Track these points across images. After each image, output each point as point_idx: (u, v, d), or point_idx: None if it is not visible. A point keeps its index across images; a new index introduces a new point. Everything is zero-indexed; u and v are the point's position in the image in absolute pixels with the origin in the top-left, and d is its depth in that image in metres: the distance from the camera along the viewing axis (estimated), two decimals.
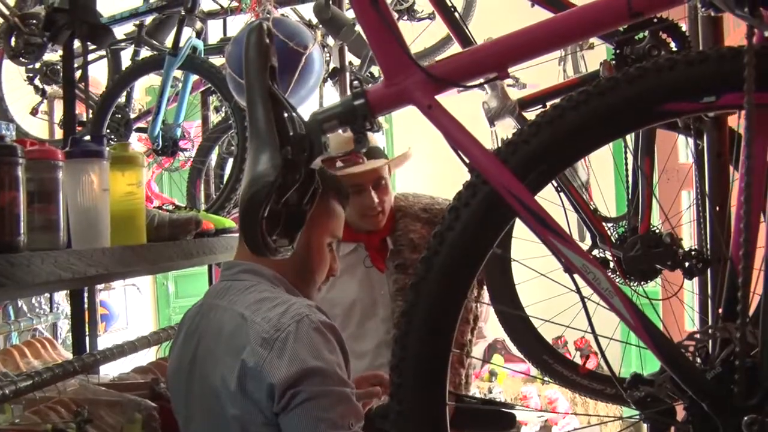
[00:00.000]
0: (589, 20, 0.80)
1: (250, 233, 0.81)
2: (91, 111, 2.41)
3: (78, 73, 2.06)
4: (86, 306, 1.91)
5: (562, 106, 0.75)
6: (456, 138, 0.78)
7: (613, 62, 1.23)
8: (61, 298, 2.61)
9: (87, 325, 1.87)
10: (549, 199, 0.90)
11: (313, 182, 0.88)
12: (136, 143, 3.82)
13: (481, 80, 0.81)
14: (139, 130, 2.75)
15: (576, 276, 0.76)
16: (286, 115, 0.87)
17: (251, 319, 1.24)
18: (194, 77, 2.47)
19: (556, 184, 1.38)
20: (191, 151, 2.79)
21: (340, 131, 0.87)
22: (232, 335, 1.26)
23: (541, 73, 1.33)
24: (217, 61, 2.37)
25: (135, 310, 4.44)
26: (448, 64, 0.82)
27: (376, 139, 2.06)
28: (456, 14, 1.47)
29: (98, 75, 3.08)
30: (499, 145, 0.80)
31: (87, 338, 1.88)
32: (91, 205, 1.26)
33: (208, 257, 1.82)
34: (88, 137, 1.31)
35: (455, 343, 0.79)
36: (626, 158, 1.44)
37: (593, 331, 0.79)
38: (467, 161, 0.78)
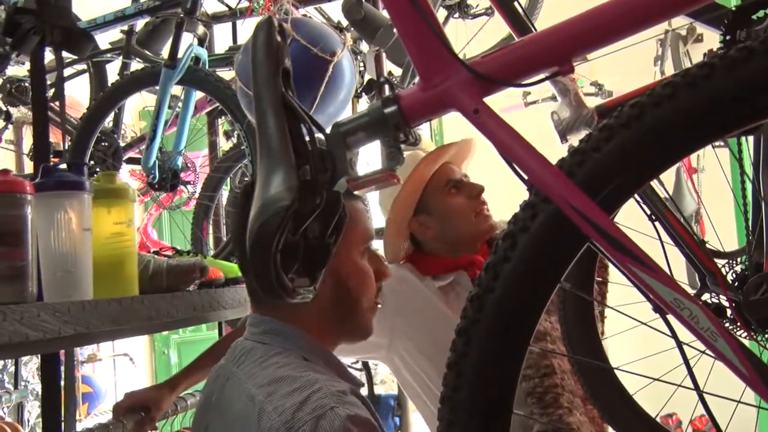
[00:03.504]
0: None
1: (260, 271, 0.84)
2: (69, 138, 2.48)
3: (51, 92, 2.11)
4: (62, 380, 1.92)
5: (642, 103, 0.76)
6: (509, 148, 0.81)
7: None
8: (30, 372, 2.65)
9: (63, 406, 1.82)
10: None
11: (338, 209, 0.91)
12: (129, 179, 3.95)
13: (540, 77, 0.84)
14: (132, 161, 2.84)
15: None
16: (303, 128, 0.91)
17: (262, 407, 1.22)
18: (198, 95, 2.55)
19: (649, 212, 1.39)
20: (196, 185, 2.86)
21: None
22: (238, 421, 1.27)
23: (633, 78, 1.34)
24: (227, 74, 2.45)
25: (128, 386, 4.52)
26: (498, 59, 0.84)
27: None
28: (519, 8, 1.49)
29: (79, 94, 3.17)
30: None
31: (62, 424, 1.89)
32: (68, 248, 1.29)
33: (216, 312, 1.86)
34: (64, 165, 1.35)
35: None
36: (743, 174, 1.43)
37: (696, 386, 0.79)
38: (524, 176, 0.81)
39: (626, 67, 3.83)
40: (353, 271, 1.42)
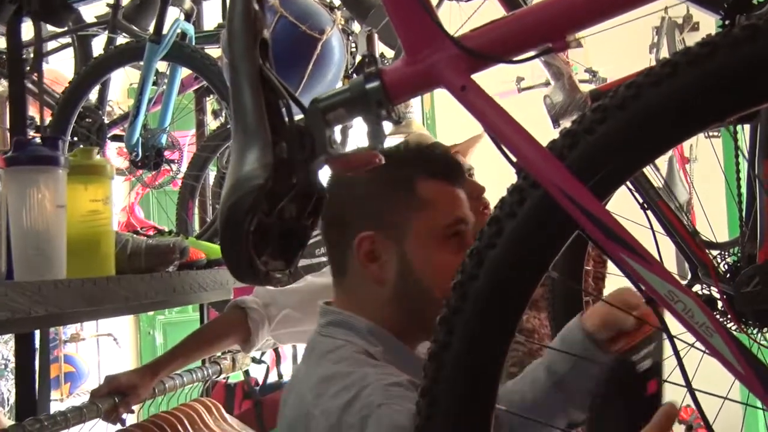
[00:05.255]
0: None
1: (231, 253, 0.80)
2: (51, 113, 2.43)
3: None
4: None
5: (638, 83, 0.72)
6: (497, 128, 0.76)
7: None
8: (11, 350, 2.62)
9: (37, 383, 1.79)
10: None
11: (315, 189, 0.87)
12: (116, 157, 3.90)
13: (532, 53, 0.79)
14: (117, 138, 2.78)
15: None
16: (281, 103, 0.87)
17: (310, 411, 1.13)
18: (184, 72, 2.50)
19: (641, 200, 1.35)
20: (181, 164, 2.81)
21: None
22: (291, 427, 1.21)
23: (628, 65, 1.30)
24: (216, 53, 2.40)
25: (111, 367, 4.47)
26: (487, 34, 0.79)
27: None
28: None
29: (66, 70, 3.11)
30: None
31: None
32: (40, 226, 1.26)
33: (196, 294, 1.82)
34: (38, 139, 1.31)
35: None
36: (737, 162, 1.40)
37: (687, 382, 0.75)
38: (512, 158, 0.76)
39: (621, 54, 3.80)
40: (426, 261, 1.24)
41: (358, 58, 2.66)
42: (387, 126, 0.88)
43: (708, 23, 4.95)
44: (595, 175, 0.73)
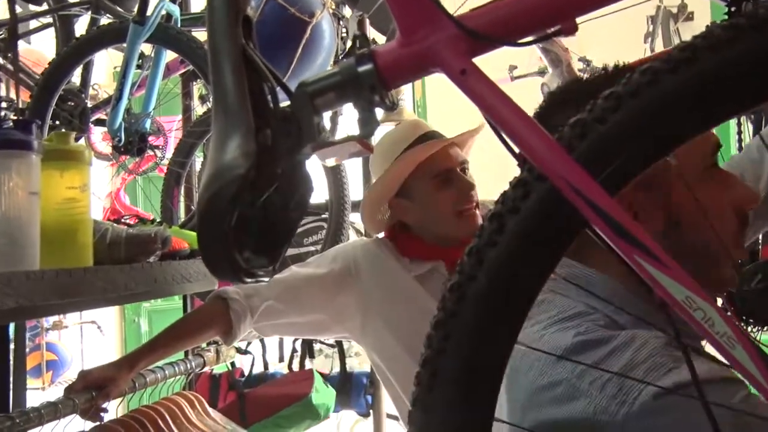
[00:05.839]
0: None
1: (209, 249, 0.73)
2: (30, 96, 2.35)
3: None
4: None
5: (655, 68, 0.66)
6: (500, 116, 0.70)
7: None
8: None
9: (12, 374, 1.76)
10: None
11: (301, 180, 0.81)
12: (101, 142, 3.83)
13: (538, 35, 0.73)
14: (100, 122, 2.72)
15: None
16: (265, 86, 0.81)
17: (574, 385, 0.88)
18: (170, 55, 2.44)
19: None
20: (166, 150, 2.75)
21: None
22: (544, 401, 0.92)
23: (623, 54, 1.25)
24: (202, 35, 2.34)
25: (95, 355, 4.41)
26: (490, 13, 0.73)
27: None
28: None
29: (49, 52, 3.04)
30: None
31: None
32: (12, 213, 1.20)
33: (179, 285, 1.76)
34: (11, 123, 1.25)
35: None
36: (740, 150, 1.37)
37: (701, 396, 0.69)
38: (516, 149, 0.70)
39: (615, 43, 3.75)
40: (695, 205, 0.97)
41: (349, 43, 2.61)
42: (379, 113, 0.82)
43: (703, 13, 4.93)
44: (606, 167, 0.67)
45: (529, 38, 0.74)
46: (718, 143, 1.01)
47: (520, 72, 4.08)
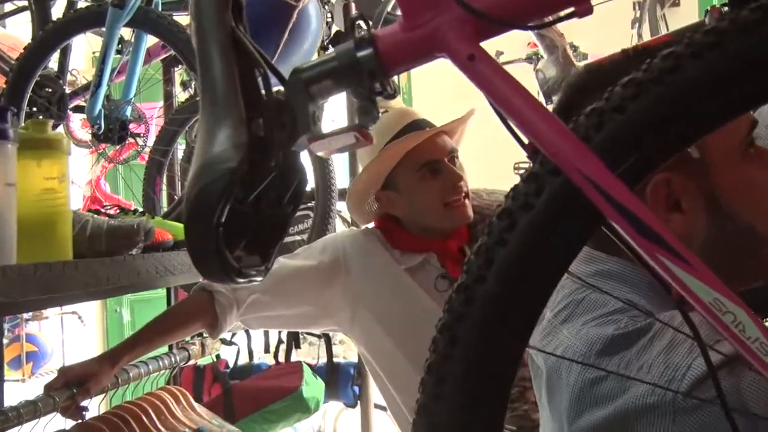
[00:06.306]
0: None
1: (198, 247, 0.68)
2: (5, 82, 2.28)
3: None
4: None
5: (677, 53, 0.61)
6: (511, 105, 0.65)
7: (726, 8, 1.13)
8: None
9: None
10: None
11: (295, 173, 0.76)
12: (81, 129, 3.75)
13: (551, 17, 0.68)
14: (79, 109, 2.66)
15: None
16: (257, 73, 0.76)
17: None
18: (151, 39, 2.38)
19: None
20: (147, 137, 2.69)
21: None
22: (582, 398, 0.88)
23: (610, 40, 1.22)
24: (184, 20, 2.28)
25: (76, 346, 4.34)
26: None
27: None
28: None
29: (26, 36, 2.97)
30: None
31: None
32: None
33: (162, 278, 1.71)
34: None
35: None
36: None
37: (724, 406, 0.65)
38: (526, 140, 0.65)
39: (602, 29, 3.71)
40: (737, 185, 0.91)
41: (334, 28, 2.56)
42: None
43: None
44: (626, 160, 0.62)
45: (545, 20, 0.69)
46: (754, 121, 0.95)
47: (507, 58, 4.03)
